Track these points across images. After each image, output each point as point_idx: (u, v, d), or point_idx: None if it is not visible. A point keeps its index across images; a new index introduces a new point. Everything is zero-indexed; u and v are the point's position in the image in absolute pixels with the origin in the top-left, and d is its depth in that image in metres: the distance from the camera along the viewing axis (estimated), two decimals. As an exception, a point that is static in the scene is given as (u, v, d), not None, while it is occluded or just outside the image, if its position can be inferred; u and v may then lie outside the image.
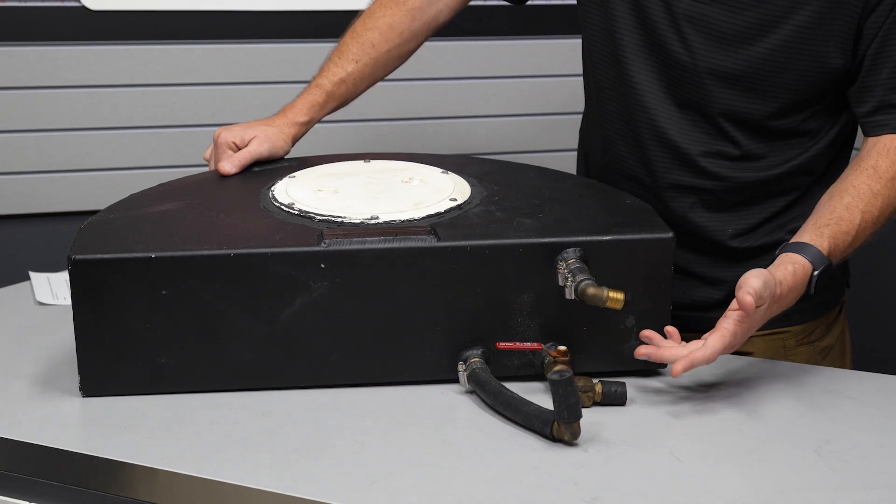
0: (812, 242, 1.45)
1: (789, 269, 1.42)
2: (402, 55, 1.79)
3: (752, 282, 1.36)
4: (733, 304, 1.37)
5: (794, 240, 1.48)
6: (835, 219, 1.48)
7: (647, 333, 1.42)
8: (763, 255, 1.60)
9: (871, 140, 1.55)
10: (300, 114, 1.73)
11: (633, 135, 1.65)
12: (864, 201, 1.49)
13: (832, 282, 1.71)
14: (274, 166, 1.69)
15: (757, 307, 1.37)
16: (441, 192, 1.54)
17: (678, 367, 1.35)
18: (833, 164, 1.66)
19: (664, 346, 1.41)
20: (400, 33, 1.76)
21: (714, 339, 1.36)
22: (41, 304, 1.74)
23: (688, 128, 1.61)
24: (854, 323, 1.85)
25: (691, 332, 1.63)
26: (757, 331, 1.66)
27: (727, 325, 1.37)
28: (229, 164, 1.65)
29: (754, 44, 1.54)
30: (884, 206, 1.51)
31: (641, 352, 1.40)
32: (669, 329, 1.43)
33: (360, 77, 1.75)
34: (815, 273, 1.44)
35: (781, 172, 1.63)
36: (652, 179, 1.65)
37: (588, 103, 1.76)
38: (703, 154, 1.62)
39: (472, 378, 1.41)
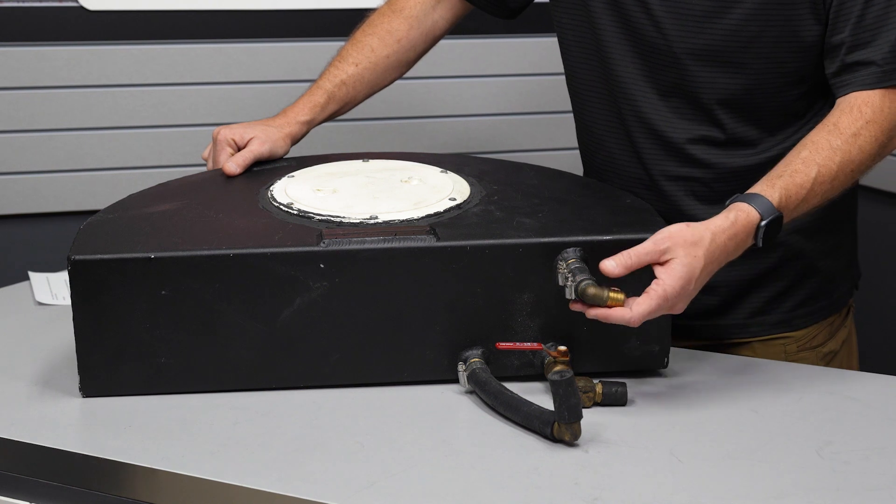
0: (762, 192, 1.42)
1: (730, 216, 1.39)
2: (400, 63, 1.80)
3: (624, 254, 1.35)
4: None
5: (747, 191, 1.44)
6: (789, 171, 1.44)
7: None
8: (760, 253, 1.59)
9: (838, 100, 1.52)
10: (301, 113, 1.74)
11: (621, 130, 1.65)
12: (821, 155, 1.45)
13: (839, 284, 1.71)
14: (273, 166, 1.69)
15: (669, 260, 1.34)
16: (440, 191, 1.54)
17: (593, 312, 1.34)
18: None
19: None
20: (398, 40, 1.78)
21: (639, 304, 1.34)
22: (41, 304, 1.74)
23: (673, 115, 1.61)
24: (861, 324, 1.83)
25: (697, 340, 1.63)
26: (757, 336, 1.66)
27: (654, 289, 1.34)
28: (234, 164, 1.65)
29: (724, 16, 1.53)
30: (843, 162, 1.46)
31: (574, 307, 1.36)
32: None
33: (359, 80, 1.76)
34: (763, 224, 1.40)
35: (772, 157, 1.61)
36: (645, 173, 1.65)
37: (574, 110, 1.76)
38: (690, 141, 1.61)
39: (472, 378, 1.41)
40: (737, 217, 1.39)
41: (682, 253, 1.36)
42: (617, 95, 1.64)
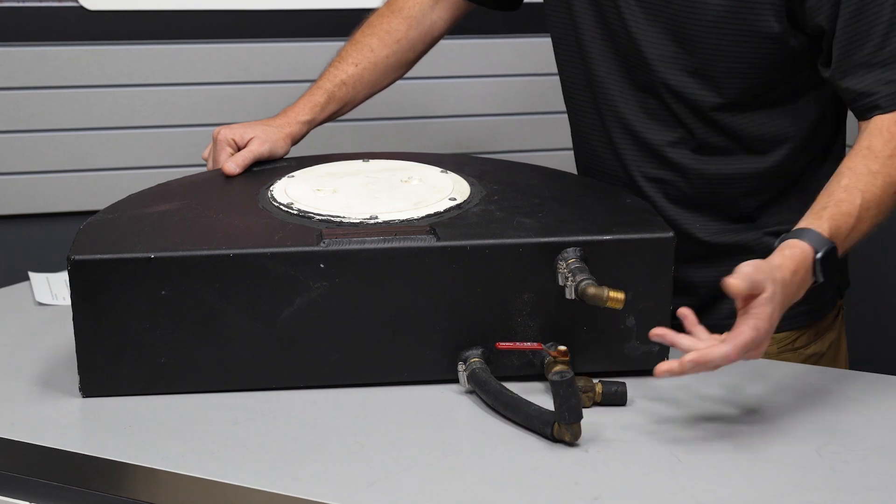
0: (810, 226, 1.38)
1: (787, 253, 1.35)
2: (399, 64, 1.81)
3: (742, 267, 1.29)
4: (739, 303, 1.30)
5: (793, 229, 1.41)
6: (833, 201, 1.41)
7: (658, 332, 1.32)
8: (737, 255, 1.57)
9: (863, 124, 1.50)
10: (301, 113, 1.74)
11: (602, 129, 1.66)
12: (862, 181, 1.42)
13: (821, 290, 1.70)
14: (273, 166, 1.69)
15: (757, 295, 1.29)
16: (440, 191, 1.54)
17: (688, 357, 1.27)
18: (813, 172, 1.63)
19: (681, 337, 1.31)
20: (398, 40, 1.79)
21: (734, 336, 1.28)
22: (41, 304, 1.74)
23: (648, 117, 1.61)
24: (854, 323, 1.83)
25: None
26: None
27: (745, 322, 1.28)
28: (233, 164, 1.65)
29: (689, 26, 1.53)
30: (885, 185, 1.43)
31: (656, 332, 1.31)
32: (683, 311, 1.33)
33: (359, 80, 1.77)
34: (818, 256, 1.36)
35: (746, 174, 1.61)
36: (624, 172, 1.65)
37: (566, 108, 1.76)
38: (663, 144, 1.61)
39: (471, 378, 1.40)
40: (792, 254, 1.35)
41: (770, 288, 1.30)
42: (597, 95, 1.64)
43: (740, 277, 1.28)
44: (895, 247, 2.38)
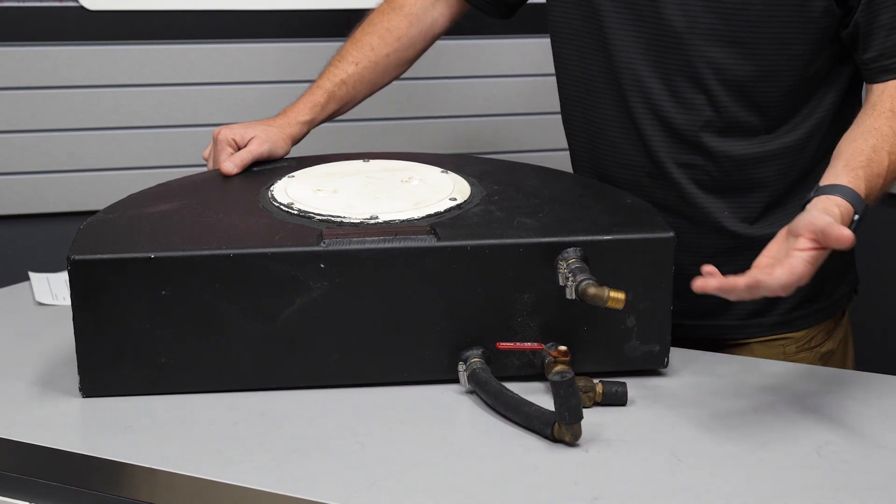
0: (850, 185, 1.37)
1: (836, 211, 1.33)
2: (400, 62, 1.80)
3: (826, 219, 1.27)
4: (802, 242, 1.27)
5: (826, 182, 1.38)
6: (865, 161, 1.41)
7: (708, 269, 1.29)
8: (760, 250, 1.58)
9: (880, 86, 1.51)
10: (301, 113, 1.74)
11: (626, 117, 1.63)
12: (888, 142, 1.44)
13: (837, 287, 1.71)
14: (273, 166, 1.69)
15: (824, 248, 1.27)
16: (441, 191, 1.54)
17: (743, 282, 1.24)
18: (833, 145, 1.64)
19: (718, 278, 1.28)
20: (398, 38, 1.78)
21: (781, 272, 1.26)
22: (41, 304, 1.74)
23: (678, 101, 1.59)
24: (857, 324, 1.83)
25: (696, 340, 1.62)
26: (755, 337, 1.66)
27: (796, 263, 1.26)
28: (231, 164, 1.65)
29: None
30: None
31: (697, 284, 1.28)
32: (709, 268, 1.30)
33: (359, 79, 1.76)
34: (856, 217, 1.36)
35: (773, 152, 1.61)
36: (650, 160, 1.64)
37: (566, 104, 1.75)
38: (694, 127, 1.60)
39: (472, 378, 1.41)
40: (842, 213, 1.34)
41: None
42: (623, 84, 1.62)
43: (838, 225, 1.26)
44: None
